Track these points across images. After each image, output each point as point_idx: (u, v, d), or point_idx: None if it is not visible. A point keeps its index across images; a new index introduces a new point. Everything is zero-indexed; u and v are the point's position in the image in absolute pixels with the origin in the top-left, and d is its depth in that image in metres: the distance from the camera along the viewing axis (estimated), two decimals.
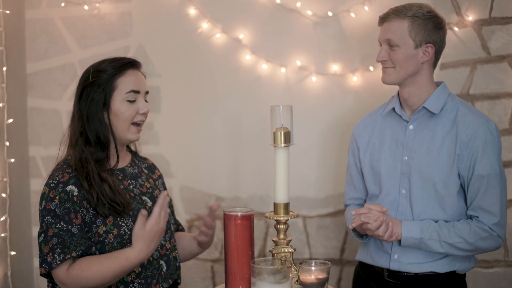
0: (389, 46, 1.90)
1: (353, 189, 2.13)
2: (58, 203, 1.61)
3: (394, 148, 1.98)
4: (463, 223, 1.87)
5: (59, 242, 1.58)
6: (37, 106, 2.84)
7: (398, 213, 1.94)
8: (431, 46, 1.89)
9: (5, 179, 2.55)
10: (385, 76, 1.94)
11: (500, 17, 2.51)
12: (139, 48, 2.79)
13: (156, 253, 1.74)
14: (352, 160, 2.13)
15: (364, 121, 2.13)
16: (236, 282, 1.57)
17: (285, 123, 1.62)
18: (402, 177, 1.94)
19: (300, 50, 2.70)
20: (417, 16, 1.87)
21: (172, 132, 2.81)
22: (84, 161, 1.67)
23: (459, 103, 1.94)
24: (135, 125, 1.75)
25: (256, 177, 2.76)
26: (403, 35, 1.87)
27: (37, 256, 2.83)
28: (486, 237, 1.85)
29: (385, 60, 1.91)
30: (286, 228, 1.66)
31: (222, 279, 2.77)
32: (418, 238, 1.84)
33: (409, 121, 1.96)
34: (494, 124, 1.90)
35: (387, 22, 1.91)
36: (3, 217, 2.52)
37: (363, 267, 2.07)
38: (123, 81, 1.71)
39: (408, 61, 1.89)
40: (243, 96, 2.76)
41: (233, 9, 2.74)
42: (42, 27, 2.82)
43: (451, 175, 1.87)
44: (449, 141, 1.89)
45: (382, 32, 1.93)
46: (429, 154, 1.90)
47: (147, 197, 1.79)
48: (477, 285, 2.59)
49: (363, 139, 2.07)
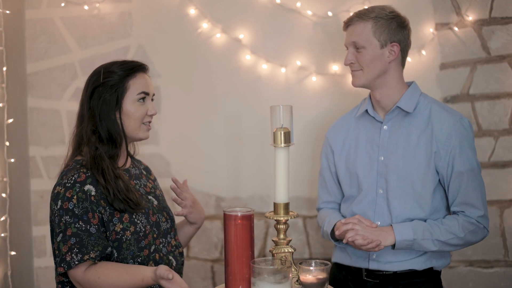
0: (355, 49, 1.94)
1: (327, 192, 2.15)
2: (76, 203, 1.63)
3: (369, 149, 2.00)
4: (451, 219, 1.90)
5: (77, 242, 1.60)
6: (37, 106, 2.84)
7: (376, 213, 1.96)
8: (396, 45, 1.93)
9: (5, 179, 2.55)
10: (354, 80, 1.98)
11: (500, 17, 2.51)
12: (139, 48, 2.79)
13: (165, 249, 1.80)
14: (325, 164, 2.15)
15: (337, 125, 2.16)
16: (236, 282, 1.57)
17: (285, 123, 1.62)
18: (379, 177, 1.96)
19: (300, 50, 2.71)
20: (379, 17, 1.91)
21: (172, 132, 2.81)
22: (99, 158, 1.70)
23: (431, 101, 1.98)
24: (145, 124, 1.81)
25: (256, 177, 2.77)
26: (367, 36, 1.91)
27: (37, 256, 2.83)
28: (474, 229, 1.90)
29: (352, 63, 1.95)
30: (286, 228, 1.66)
31: (222, 279, 2.77)
32: (411, 240, 1.86)
33: (383, 121, 1.99)
34: (468, 120, 1.95)
35: (351, 25, 1.95)
36: (3, 217, 2.52)
37: (339, 268, 2.08)
38: (135, 82, 1.77)
39: (375, 62, 1.92)
40: (243, 96, 2.76)
41: (233, 9, 2.74)
42: (42, 27, 2.82)
43: (428, 173, 1.91)
44: (425, 139, 1.92)
45: (347, 36, 1.97)
46: (406, 153, 1.93)
47: (152, 196, 1.85)
48: (477, 285, 2.59)
49: (337, 142, 2.10)
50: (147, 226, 1.73)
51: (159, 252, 1.76)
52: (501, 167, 2.56)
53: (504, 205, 2.57)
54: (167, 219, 1.85)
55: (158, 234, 1.77)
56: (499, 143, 2.56)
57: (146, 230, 1.72)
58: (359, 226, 1.82)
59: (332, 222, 1.98)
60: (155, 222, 1.77)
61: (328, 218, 2.04)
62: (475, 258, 2.59)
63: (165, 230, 1.82)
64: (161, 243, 1.78)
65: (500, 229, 2.57)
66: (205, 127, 2.80)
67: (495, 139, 2.56)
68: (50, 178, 2.78)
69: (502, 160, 2.56)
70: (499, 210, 2.57)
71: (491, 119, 2.56)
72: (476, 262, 2.59)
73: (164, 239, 1.80)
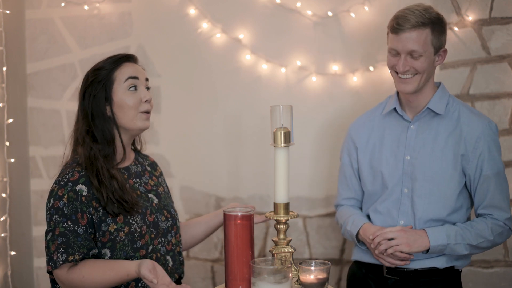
0: (410, 56, 1.86)
1: (347, 189, 2.13)
2: (66, 202, 1.63)
3: (395, 148, 1.98)
4: (480, 222, 1.90)
5: (63, 242, 1.61)
6: (37, 106, 2.84)
7: (400, 212, 1.95)
8: (445, 50, 1.93)
9: (5, 179, 2.55)
10: (406, 86, 1.89)
11: (500, 17, 2.51)
12: (139, 48, 2.79)
13: (163, 249, 1.78)
14: (347, 160, 2.12)
15: (361, 121, 2.12)
16: (236, 282, 1.57)
17: (285, 123, 1.62)
18: (405, 177, 1.95)
19: (300, 50, 2.70)
20: (436, 23, 1.86)
21: (172, 132, 2.81)
22: (93, 158, 1.70)
23: (460, 104, 1.98)
24: (142, 113, 1.78)
25: (256, 177, 2.76)
26: (426, 45, 1.86)
27: (37, 256, 2.83)
28: (502, 231, 1.91)
29: (408, 70, 1.88)
30: (286, 228, 1.66)
31: (222, 279, 2.77)
32: (445, 245, 1.86)
33: (411, 121, 1.97)
34: (495, 124, 1.96)
35: (407, 32, 1.83)
36: (3, 217, 2.52)
37: (359, 266, 2.07)
38: (120, 72, 1.76)
39: (430, 68, 1.90)
40: (243, 96, 2.76)
41: (233, 9, 2.74)
42: (42, 27, 2.82)
43: (455, 175, 1.90)
44: (453, 141, 1.91)
45: (401, 42, 1.85)
46: (433, 154, 1.92)
47: (152, 195, 1.83)
48: (477, 285, 2.59)
49: (362, 138, 2.07)
50: (144, 226, 1.72)
51: (156, 253, 1.75)
52: None
53: None
54: (168, 218, 1.83)
55: (157, 234, 1.76)
56: None
57: (142, 230, 1.71)
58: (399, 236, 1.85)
59: (357, 223, 1.98)
60: (152, 222, 1.75)
61: (352, 217, 2.02)
62: (475, 258, 2.58)
63: (165, 229, 1.80)
64: (160, 243, 1.77)
65: None
66: (205, 127, 2.80)
67: None
68: (50, 178, 2.78)
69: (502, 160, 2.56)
70: None
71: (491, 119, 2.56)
72: (476, 262, 2.59)
73: (163, 238, 1.79)
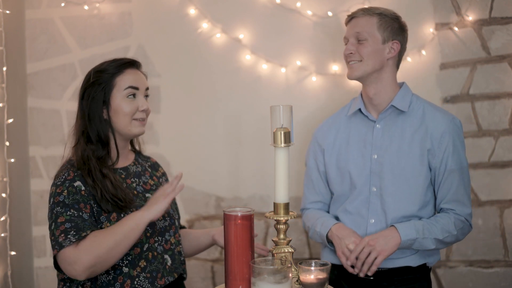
0: (357, 41, 1.97)
1: (314, 192, 2.15)
2: (67, 195, 1.65)
3: (362, 148, 2.02)
4: (443, 217, 1.93)
5: (73, 226, 1.60)
6: (37, 106, 2.84)
7: (370, 211, 1.98)
8: (397, 43, 1.98)
9: (5, 179, 2.55)
10: (351, 71, 1.99)
11: (500, 17, 2.51)
12: (139, 48, 2.79)
13: (161, 248, 1.79)
14: (313, 163, 2.15)
15: (326, 124, 2.16)
16: (236, 282, 1.57)
17: (285, 123, 1.62)
18: (372, 176, 1.98)
19: (300, 50, 2.71)
20: (385, 14, 1.97)
21: (172, 132, 2.81)
22: (86, 158, 1.72)
23: (424, 102, 2.03)
24: (137, 120, 1.79)
25: (256, 177, 2.77)
26: (371, 29, 1.95)
27: (37, 256, 2.83)
28: (463, 227, 1.94)
29: (352, 53, 1.97)
30: (286, 228, 1.66)
31: (222, 279, 2.77)
32: (414, 239, 1.87)
33: (376, 120, 2.01)
34: (459, 120, 2.00)
35: (356, 18, 1.99)
36: (3, 217, 2.52)
37: (331, 269, 2.06)
38: (122, 78, 1.77)
39: (375, 55, 1.95)
40: (243, 96, 2.76)
41: (233, 9, 2.74)
42: (42, 27, 2.82)
43: (422, 170, 1.94)
44: (419, 137, 1.95)
45: (350, 27, 2.01)
46: (400, 150, 1.95)
47: (150, 194, 1.84)
48: (477, 285, 2.59)
49: (328, 140, 2.10)
50: None
51: (153, 251, 1.75)
52: (501, 167, 2.56)
53: (504, 205, 2.57)
54: (165, 217, 1.83)
55: (153, 232, 1.76)
56: (499, 143, 2.56)
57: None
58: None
59: (327, 224, 2.00)
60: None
61: (321, 219, 2.04)
62: (475, 258, 2.59)
63: (162, 228, 1.81)
64: (157, 242, 1.77)
65: (500, 229, 2.57)
66: (205, 127, 2.80)
67: (495, 139, 2.56)
68: (50, 178, 2.78)
69: (502, 160, 2.56)
70: (499, 210, 2.57)
71: (491, 119, 2.56)
72: (476, 262, 2.59)
73: (160, 237, 1.79)
